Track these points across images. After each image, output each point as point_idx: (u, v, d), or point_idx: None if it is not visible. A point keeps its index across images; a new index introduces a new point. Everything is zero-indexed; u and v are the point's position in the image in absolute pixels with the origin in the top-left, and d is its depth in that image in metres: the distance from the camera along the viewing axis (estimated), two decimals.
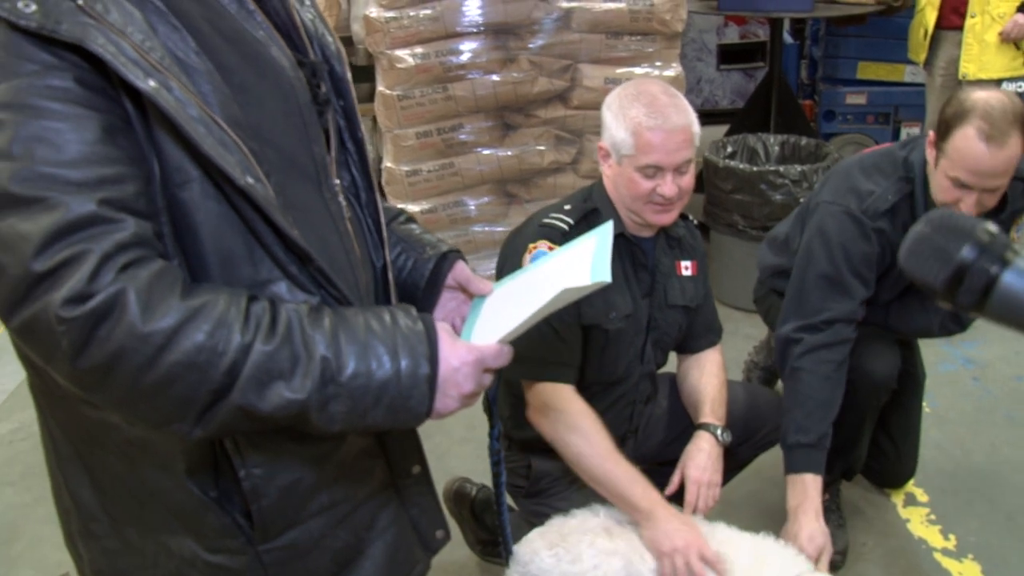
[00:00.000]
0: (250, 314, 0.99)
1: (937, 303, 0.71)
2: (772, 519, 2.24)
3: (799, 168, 3.88)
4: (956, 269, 0.66)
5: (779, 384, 3.41)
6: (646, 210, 2.08)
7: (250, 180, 1.00)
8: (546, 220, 2.11)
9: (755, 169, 3.94)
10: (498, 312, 1.36)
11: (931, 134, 2.22)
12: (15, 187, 0.89)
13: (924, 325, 2.56)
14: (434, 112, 4.09)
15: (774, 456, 2.40)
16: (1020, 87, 4.21)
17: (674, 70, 4.15)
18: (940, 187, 2.19)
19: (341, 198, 1.20)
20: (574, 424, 2.05)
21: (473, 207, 4.29)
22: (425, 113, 4.07)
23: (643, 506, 1.95)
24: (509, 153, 4.20)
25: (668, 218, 2.11)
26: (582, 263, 1.33)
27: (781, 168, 3.89)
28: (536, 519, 2.37)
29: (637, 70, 4.08)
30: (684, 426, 2.34)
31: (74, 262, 0.90)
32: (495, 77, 4.04)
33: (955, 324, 2.56)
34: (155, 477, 1.12)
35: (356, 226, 1.24)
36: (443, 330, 1.12)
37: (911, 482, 2.92)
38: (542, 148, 4.21)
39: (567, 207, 2.14)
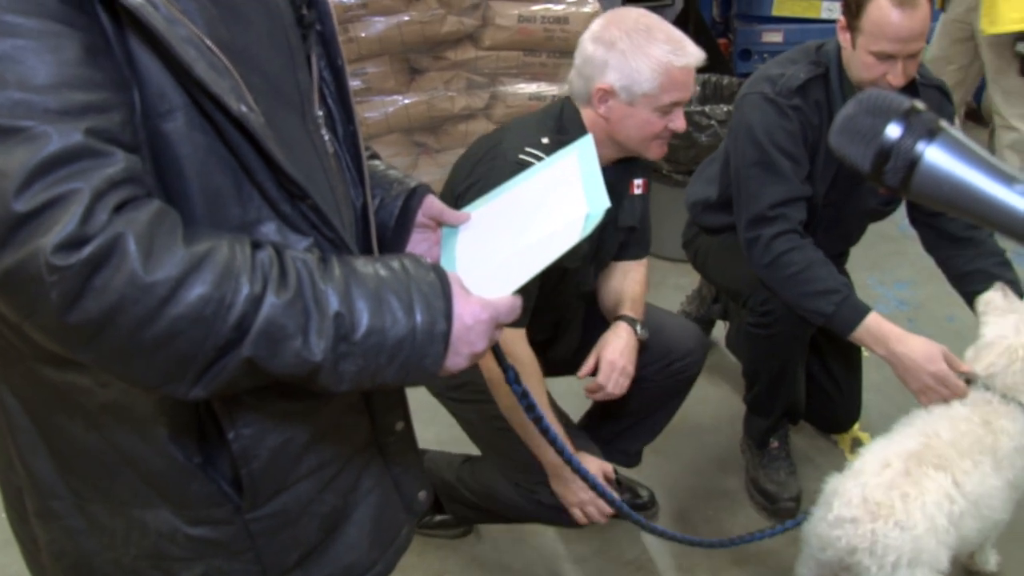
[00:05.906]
0: (256, 262, 0.94)
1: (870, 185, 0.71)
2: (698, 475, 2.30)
3: (725, 108, 3.92)
4: (880, 148, 0.67)
5: (713, 334, 3.51)
6: (652, 146, 2.13)
7: (244, 108, 0.96)
8: (523, 156, 2.06)
9: None
10: (483, 243, 1.34)
11: (841, 19, 2.40)
12: None
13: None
14: None
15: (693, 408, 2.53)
16: None
17: (591, 6, 4.15)
18: (864, 66, 2.34)
19: (324, 131, 1.17)
20: None
21: None
22: None
23: (555, 463, 2.06)
24: (417, 99, 4.15)
25: (665, 150, 2.18)
26: (572, 189, 1.33)
27: (706, 108, 3.94)
28: None
29: (554, 7, 4.07)
30: (599, 335, 2.37)
31: (63, 201, 0.84)
32: (402, 17, 3.97)
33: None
34: (130, 444, 1.07)
35: (336, 162, 1.21)
36: (455, 282, 1.09)
37: (856, 427, 3.05)
38: (452, 93, 4.17)
39: (544, 140, 2.10)
